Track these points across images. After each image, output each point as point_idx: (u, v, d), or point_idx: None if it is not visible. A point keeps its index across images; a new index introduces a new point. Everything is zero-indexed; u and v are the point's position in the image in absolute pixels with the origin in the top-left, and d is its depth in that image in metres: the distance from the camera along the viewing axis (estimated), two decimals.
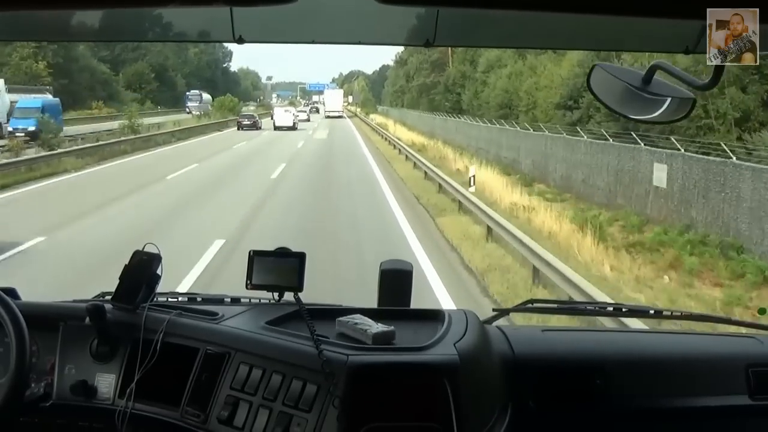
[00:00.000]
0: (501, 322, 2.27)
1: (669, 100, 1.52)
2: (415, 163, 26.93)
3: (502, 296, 9.20)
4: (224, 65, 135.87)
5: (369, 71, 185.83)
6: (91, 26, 1.89)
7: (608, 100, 1.58)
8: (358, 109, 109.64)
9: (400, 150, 34.61)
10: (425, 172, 23.41)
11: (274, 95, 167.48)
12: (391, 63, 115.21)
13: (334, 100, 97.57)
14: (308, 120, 78.77)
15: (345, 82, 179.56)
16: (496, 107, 42.65)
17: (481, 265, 11.03)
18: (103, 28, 1.94)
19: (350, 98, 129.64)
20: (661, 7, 1.15)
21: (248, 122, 57.72)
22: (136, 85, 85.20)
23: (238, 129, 55.61)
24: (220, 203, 17.18)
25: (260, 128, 56.76)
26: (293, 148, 37.28)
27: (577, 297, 7.95)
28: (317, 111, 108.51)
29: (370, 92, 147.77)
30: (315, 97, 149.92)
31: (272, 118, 61.37)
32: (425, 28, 1.79)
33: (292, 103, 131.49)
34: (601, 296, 7.85)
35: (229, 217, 14.64)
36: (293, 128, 57.02)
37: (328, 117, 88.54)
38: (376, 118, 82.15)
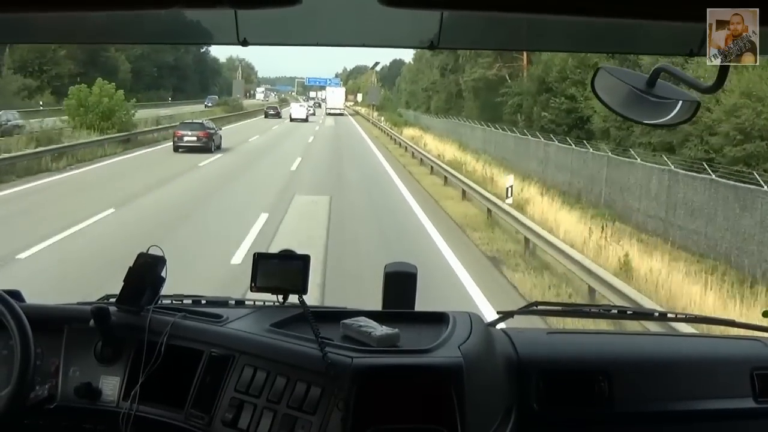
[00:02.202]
0: (505, 324, 2.27)
1: (673, 103, 1.51)
2: None
3: None
4: (201, 50, 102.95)
5: (378, 67, 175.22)
6: (93, 28, 1.90)
7: (612, 103, 1.58)
8: (374, 114, 78.45)
9: None
10: None
11: (259, 91, 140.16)
12: (409, 57, 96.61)
13: (335, 98, 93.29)
14: (314, 114, 79.22)
15: (350, 77, 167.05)
16: (740, 136, 20.06)
17: None
18: (105, 30, 1.95)
19: (359, 96, 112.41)
20: (664, 9, 1.15)
21: (273, 112, 74.26)
22: (33, 66, 56.02)
23: (265, 117, 71.38)
24: None
25: (281, 117, 71.94)
26: None
27: None
28: (319, 106, 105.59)
29: (384, 89, 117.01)
30: (312, 93, 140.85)
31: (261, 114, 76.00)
32: (429, 31, 1.79)
33: (284, 100, 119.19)
34: None
35: None
36: (305, 120, 66.46)
37: (330, 114, 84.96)
38: (428, 146, 35.41)
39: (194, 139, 28.92)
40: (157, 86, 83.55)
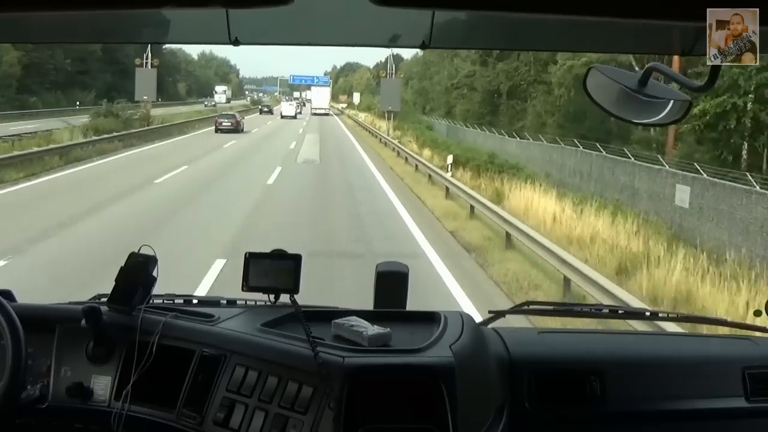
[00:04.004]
0: (497, 323, 2.27)
1: (665, 102, 1.52)
2: None
3: None
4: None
5: (371, 64, 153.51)
6: (85, 28, 1.89)
7: (604, 102, 1.58)
8: (388, 126, 44.02)
9: None
10: None
11: (219, 90, 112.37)
12: (409, 51, 78.91)
13: (321, 97, 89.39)
14: (300, 112, 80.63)
15: (340, 75, 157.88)
16: None
17: None
18: (98, 30, 1.94)
19: (355, 97, 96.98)
20: (658, 8, 1.15)
21: (266, 109, 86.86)
22: None
23: (260, 113, 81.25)
24: None
25: (273, 113, 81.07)
26: None
27: None
28: (304, 105, 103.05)
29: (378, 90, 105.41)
30: (296, 93, 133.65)
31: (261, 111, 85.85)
32: (421, 30, 1.79)
33: (258, 102, 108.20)
34: None
35: None
36: (294, 117, 72.89)
37: (315, 114, 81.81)
38: None
39: (229, 124, 45.07)
40: (74, 85, 59.49)
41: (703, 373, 2.09)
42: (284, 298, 1.99)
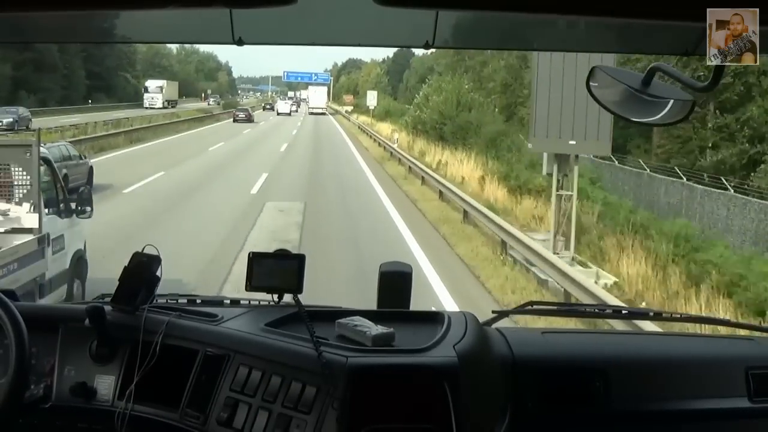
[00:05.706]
0: (500, 323, 2.26)
1: (668, 102, 1.52)
2: None
3: None
4: None
5: (378, 58, 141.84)
6: (86, 28, 1.89)
7: (608, 102, 1.58)
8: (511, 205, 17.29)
9: None
10: None
11: (153, 86, 78.27)
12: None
13: (317, 97, 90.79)
14: (296, 111, 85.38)
15: (341, 73, 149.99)
16: None
17: None
18: (99, 30, 1.94)
19: (370, 98, 67.22)
20: (660, 9, 1.15)
21: (269, 107, 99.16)
22: None
23: (263, 110, 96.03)
24: None
25: (274, 110, 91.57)
26: None
27: None
28: (299, 104, 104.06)
29: (389, 89, 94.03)
30: (291, 93, 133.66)
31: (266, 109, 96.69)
32: (424, 30, 1.79)
33: (230, 105, 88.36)
34: None
35: None
36: (289, 114, 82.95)
37: (312, 113, 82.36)
38: None
39: (243, 116, 63.93)
40: None
41: (707, 373, 2.09)
42: (288, 297, 1.99)
